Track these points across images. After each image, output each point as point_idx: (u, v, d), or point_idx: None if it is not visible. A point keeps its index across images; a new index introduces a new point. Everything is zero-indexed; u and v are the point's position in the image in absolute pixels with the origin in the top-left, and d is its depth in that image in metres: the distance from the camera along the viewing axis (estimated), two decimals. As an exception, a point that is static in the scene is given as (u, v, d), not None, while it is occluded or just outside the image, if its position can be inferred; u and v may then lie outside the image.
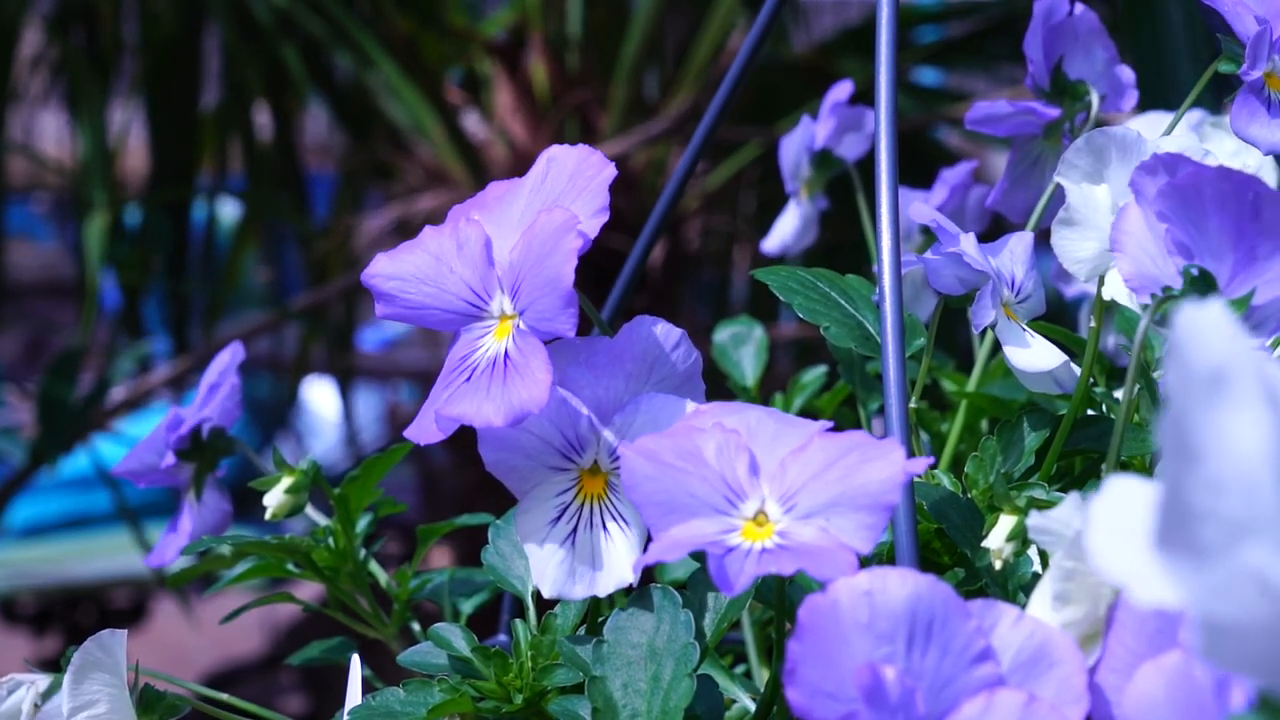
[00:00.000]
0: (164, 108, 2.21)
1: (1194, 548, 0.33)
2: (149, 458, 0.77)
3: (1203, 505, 0.33)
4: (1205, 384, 0.34)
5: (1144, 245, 0.60)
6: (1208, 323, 0.34)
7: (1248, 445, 0.34)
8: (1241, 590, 0.33)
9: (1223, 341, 0.34)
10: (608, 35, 1.97)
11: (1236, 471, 0.33)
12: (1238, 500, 0.33)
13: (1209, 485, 0.33)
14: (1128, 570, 0.36)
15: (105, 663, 0.65)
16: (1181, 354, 0.34)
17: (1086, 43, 0.82)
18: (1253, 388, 0.34)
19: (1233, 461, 0.33)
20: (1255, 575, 0.33)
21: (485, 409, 0.60)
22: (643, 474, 0.56)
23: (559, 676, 0.62)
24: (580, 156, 0.63)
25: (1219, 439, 0.34)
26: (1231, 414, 0.34)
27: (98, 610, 2.97)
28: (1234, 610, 0.33)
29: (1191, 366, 0.34)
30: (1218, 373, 0.34)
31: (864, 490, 0.53)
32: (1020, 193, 0.83)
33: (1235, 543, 0.33)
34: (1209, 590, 0.33)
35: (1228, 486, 0.33)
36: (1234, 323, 0.35)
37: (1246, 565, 0.33)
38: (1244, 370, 0.34)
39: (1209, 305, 0.35)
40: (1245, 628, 0.33)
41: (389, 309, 0.65)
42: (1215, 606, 0.33)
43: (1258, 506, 0.33)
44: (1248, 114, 0.71)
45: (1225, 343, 0.34)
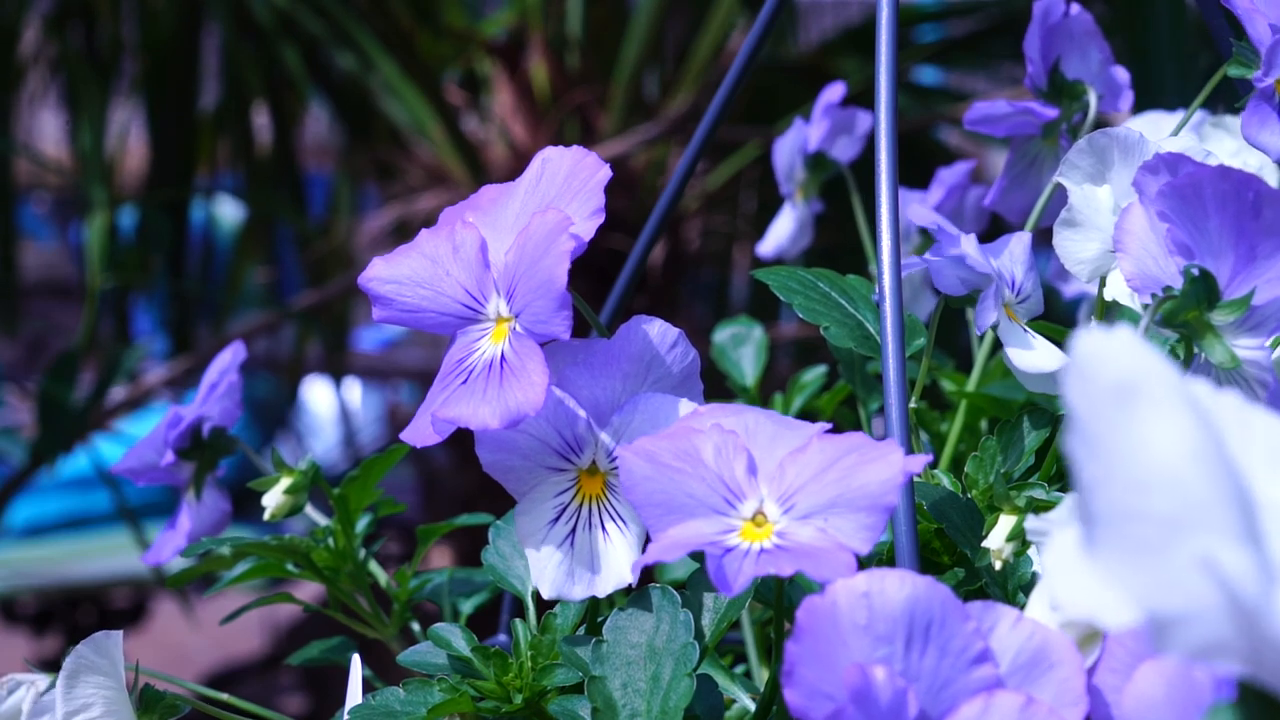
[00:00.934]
0: (163, 108, 2.21)
1: (1129, 547, 0.34)
2: (148, 456, 0.77)
3: (1131, 506, 0.34)
4: (1114, 396, 0.35)
5: (1146, 245, 0.60)
6: (1113, 343, 0.35)
7: (1169, 445, 0.34)
8: (1189, 580, 0.33)
9: (1130, 357, 0.35)
10: (608, 35, 1.97)
11: (1162, 470, 0.34)
12: (1167, 497, 0.34)
13: (1135, 487, 0.34)
14: (1094, 604, 0.37)
15: (100, 665, 0.65)
16: (1084, 373, 0.35)
17: (1082, 43, 0.82)
18: (1167, 393, 0.35)
19: (1157, 461, 0.34)
20: (1201, 564, 0.33)
21: (481, 411, 0.60)
22: (641, 475, 0.56)
23: (559, 676, 0.62)
24: (575, 158, 0.63)
25: (1139, 442, 0.34)
26: (1149, 417, 0.35)
27: (98, 610, 2.97)
28: (1181, 602, 0.33)
29: (1097, 383, 0.35)
30: (1126, 384, 0.35)
31: (863, 491, 0.53)
32: (1018, 192, 0.83)
33: (1172, 537, 0.34)
34: (1151, 585, 0.33)
35: (1155, 486, 0.34)
36: (1139, 340, 0.36)
37: (1190, 556, 0.33)
38: (1155, 379, 0.35)
39: (1114, 329, 0.36)
40: (1197, 617, 0.33)
41: (386, 312, 0.65)
42: (1159, 600, 0.33)
43: (1189, 501, 0.34)
44: (1259, 120, 0.70)
45: (1133, 358, 0.35)
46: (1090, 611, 0.37)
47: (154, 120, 2.22)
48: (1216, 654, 0.34)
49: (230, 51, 2.18)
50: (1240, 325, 0.59)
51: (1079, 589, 0.38)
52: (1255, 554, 0.34)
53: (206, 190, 2.43)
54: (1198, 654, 0.34)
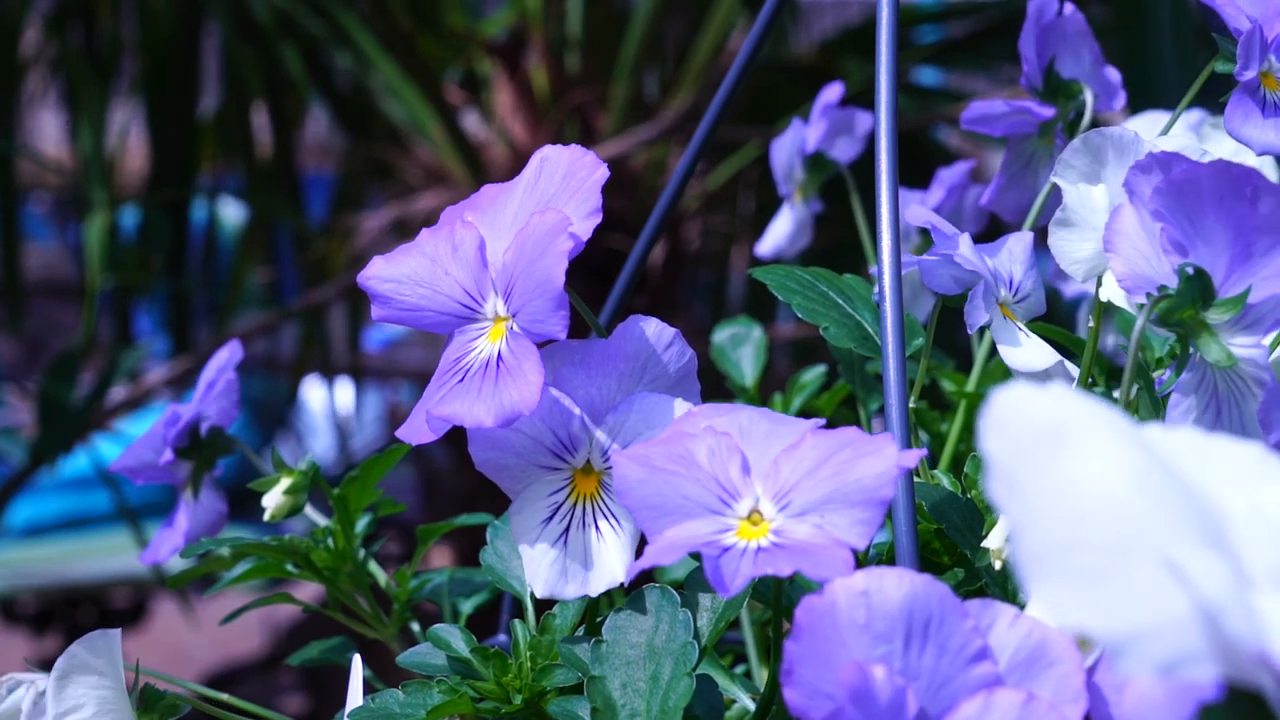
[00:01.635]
0: (163, 107, 2.21)
1: (1072, 577, 0.34)
2: (146, 455, 0.77)
3: (1068, 539, 0.34)
4: (1037, 439, 0.35)
5: (1138, 245, 0.60)
6: (1032, 393, 0.36)
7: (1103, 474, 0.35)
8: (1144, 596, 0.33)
9: (1053, 404, 0.36)
10: (608, 35, 1.97)
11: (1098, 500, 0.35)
12: (1107, 522, 0.34)
13: (1069, 520, 0.34)
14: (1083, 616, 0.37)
15: (94, 665, 0.65)
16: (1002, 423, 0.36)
17: (1075, 44, 0.82)
18: (1094, 430, 0.35)
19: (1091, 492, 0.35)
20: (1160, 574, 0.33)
21: (476, 409, 0.60)
22: (634, 478, 0.56)
23: (558, 677, 0.62)
24: (573, 157, 0.63)
25: (1069, 477, 0.35)
26: (1077, 453, 0.35)
27: (98, 610, 2.97)
28: (1141, 615, 0.33)
29: (1016, 431, 0.36)
30: (1051, 428, 0.35)
31: (858, 486, 0.53)
32: (1014, 192, 0.83)
33: (1120, 557, 0.34)
34: (1103, 608, 0.34)
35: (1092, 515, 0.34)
36: (1067, 390, 0.36)
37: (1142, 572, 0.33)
38: (1080, 419, 0.36)
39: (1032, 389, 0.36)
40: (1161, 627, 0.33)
41: (385, 311, 0.65)
42: (1115, 621, 0.33)
43: (1133, 521, 0.34)
44: (1242, 114, 0.71)
45: (1056, 404, 0.36)
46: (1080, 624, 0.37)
47: (154, 120, 2.22)
48: (1188, 663, 0.34)
49: (230, 52, 2.18)
50: (1236, 323, 0.58)
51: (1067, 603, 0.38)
52: (1223, 559, 0.34)
53: (209, 191, 2.43)
54: (1168, 666, 0.33)
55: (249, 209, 2.38)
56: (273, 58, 2.14)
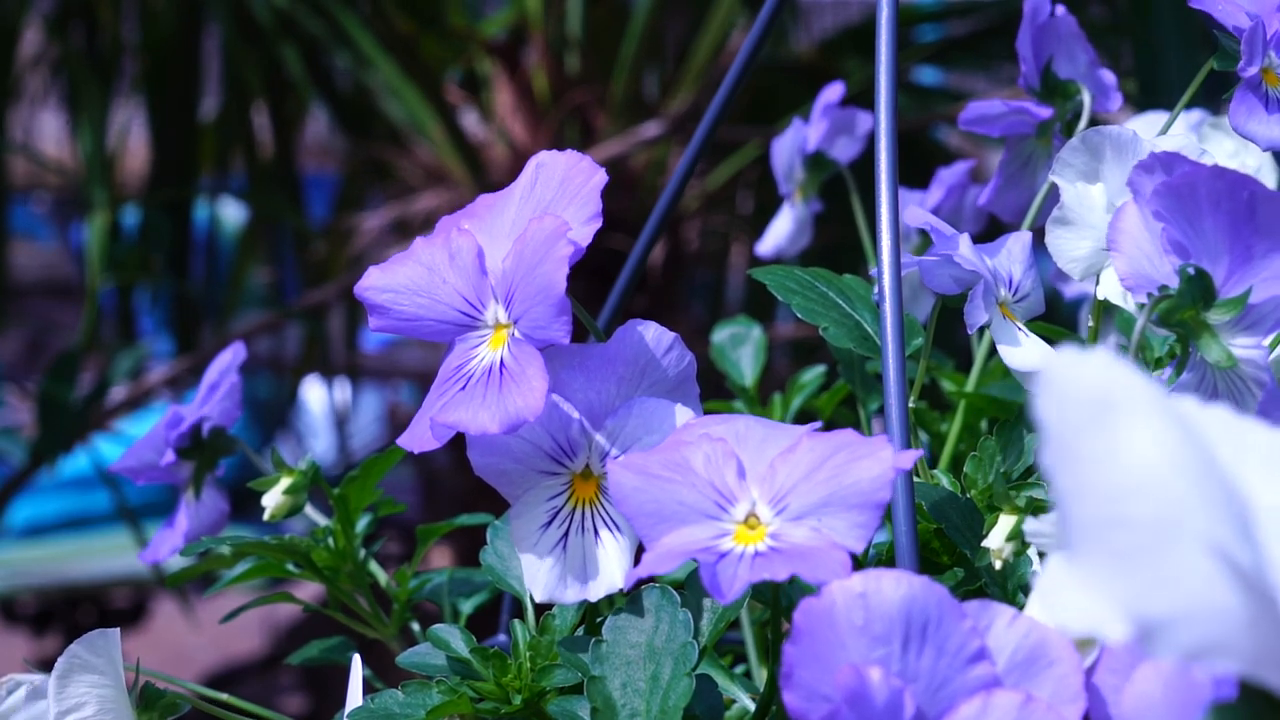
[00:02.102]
0: (164, 107, 2.21)
1: (1113, 554, 0.34)
2: (148, 455, 0.77)
3: (1110, 515, 0.34)
4: (1089, 410, 0.35)
5: (1141, 245, 0.60)
6: (1086, 363, 0.36)
7: (1148, 451, 0.34)
8: (1184, 580, 0.33)
9: (1106, 375, 0.36)
10: (608, 35, 1.97)
11: (1142, 477, 0.34)
12: (1150, 503, 0.34)
13: (1114, 496, 0.34)
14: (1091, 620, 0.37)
15: (94, 664, 0.65)
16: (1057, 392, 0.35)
17: (1069, 45, 0.82)
18: (1143, 405, 0.35)
19: (1136, 469, 0.34)
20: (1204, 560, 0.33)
21: (481, 416, 0.60)
22: (631, 486, 0.56)
23: (558, 677, 0.62)
24: (569, 162, 0.63)
25: (1116, 452, 0.35)
26: (1126, 427, 0.35)
27: (98, 610, 2.97)
28: (1179, 600, 0.33)
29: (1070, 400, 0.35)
30: (1102, 399, 0.35)
31: (854, 489, 0.53)
32: (1012, 192, 0.83)
33: (1162, 538, 0.34)
34: (1141, 589, 0.33)
35: (1135, 493, 0.34)
36: (1115, 358, 0.36)
37: (1185, 555, 0.33)
38: (1131, 393, 0.35)
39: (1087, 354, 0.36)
40: (1194, 615, 0.33)
41: (383, 321, 0.64)
42: (1152, 603, 0.33)
43: (1176, 504, 0.34)
44: (1246, 110, 0.71)
45: (1108, 376, 0.36)
46: (1089, 629, 0.37)
47: (154, 120, 2.22)
48: (1215, 653, 0.34)
49: (230, 52, 2.18)
50: (1236, 324, 0.59)
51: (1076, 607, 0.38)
52: (1252, 553, 0.34)
53: (210, 191, 2.43)
54: (1195, 654, 0.33)
55: (249, 209, 2.38)
56: (273, 58, 2.14)
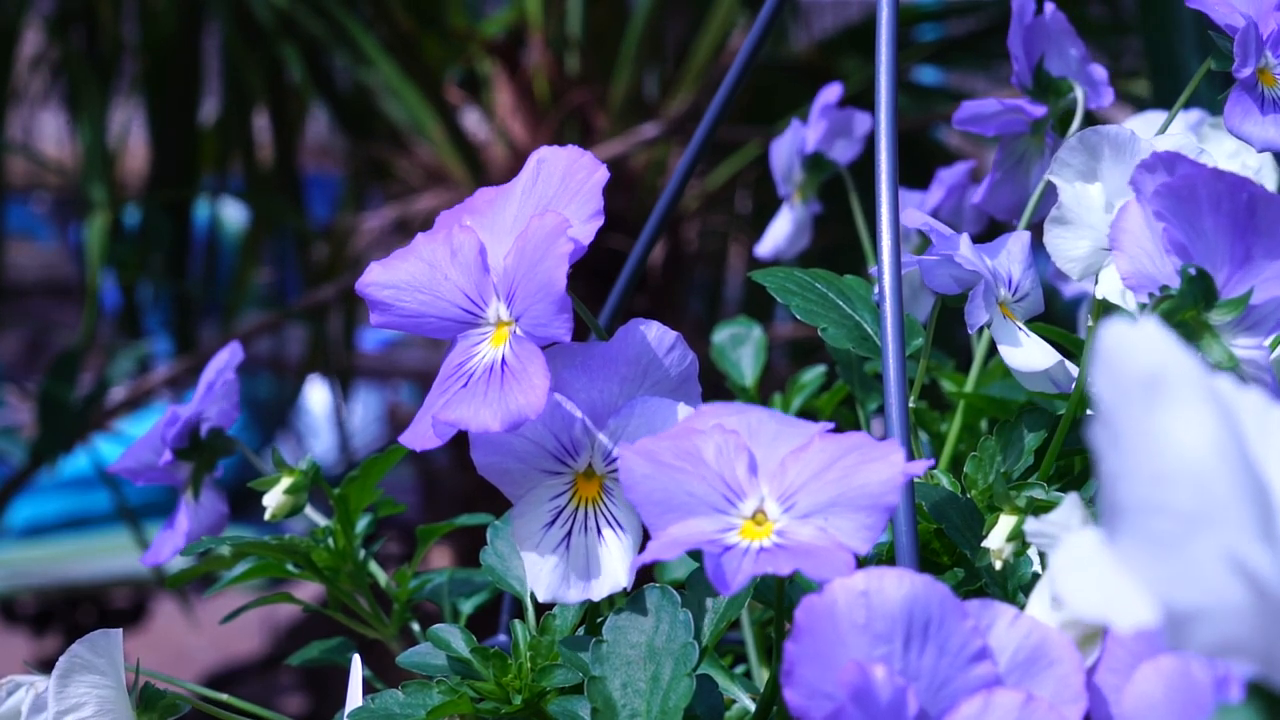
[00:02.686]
0: (164, 107, 2.21)
1: (1148, 540, 0.34)
2: (146, 456, 0.77)
3: (1151, 499, 0.34)
4: (1140, 387, 0.35)
5: (1143, 244, 0.60)
6: (1139, 334, 0.35)
7: (1192, 440, 0.34)
8: (1207, 577, 0.33)
9: (1156, 349, 0.35)
10: (608, 35, 1.97)
11: (1183, 465, 0.34)
12: (1188, 492, 0.34)
13: (1156, 480, 0.34)
14: (1103, 605, 0.37)
15: (95, 664, 0.65)
16: (1111, 362, 0.35)
17: (1059, 42, 0.82)
18: (1190, 387, 0.35)
19: (1178, 456, 0.34)
20: (1223, 561, 0.33)
21: (483, 414, 0.60)
22: (641, 473, 0.56)
23: (558, 677, 0.62)
24: (570, 159, 0.63)
25: (1161, 436, 0.34)
26: (1173, 411, 0.35)
27: (98, 610, 2.97)
28: (1199, 597, 0.33)
29: (1123, 373, 0.35)
30: (1152, 376, 0.35)
31: (863, 491, 0.53)
32: (1006, 190, 0.83)
33: (1193, 532, 0.34)
34: (1169, 579, 0.34)
35: (1175, 480, 0.34)
36: (1163, 332, 0.36)
37: (1209, 552, 0.33)
38: (1180, 373, 0.35)
39: (1141, 320, 0.36)
40: (1214, 613, 0.33)
41: (384, 318, 0.64)
42: (1177, 595, 0.33)
43: (1210, 496, 0.34)
44: (1241, 111, 0.71)
45: (1159, 350, 0.35)
46: (1100, 611, 0.37)
47: (154, 120, 2.22)
48: (1233, 651, 0.34)
49: (231, 52, 2.18)
50: (1238, 325, 0.59)
51: (1088, 589, 0.38)
52: (1271, 552, 0.34)
53: (211, 191, 2.43)
54: (1214, 651, 0.34)
55: (250, 210, 2.38)
56: (274, 58, 2.14)
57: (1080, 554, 0.39)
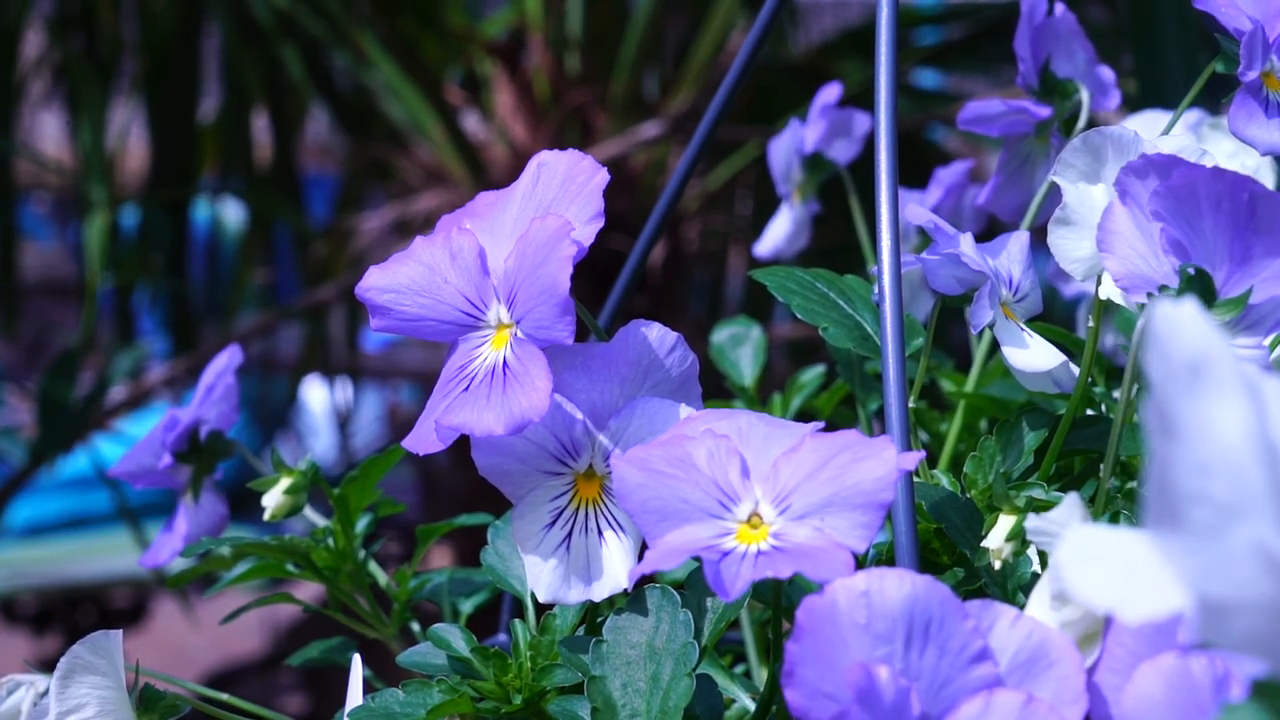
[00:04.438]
0: (163, 107, 2.21)
1: (1187, 528, 0.34)
2: (146, 459, 0.77)
3: (1192, 488, 0.34)
4: (1186, 373, 0.35)
5: (1133, 245, 0.60)
6: (1184, 316, 0.35)
7: (1230, 430, 0.34)
8: (1238, 569, 0.33)
9: (1200, 334, 0.35)
10: (608, 35, 1.97)
11: (1222, 455, 0.34)
12: (1226, 482, 0.34)
13: (1197, 469, 0.34)
14: (1110, 595, 0.37)
15: (96, 665, 0.65)
16: (1161, 346, 0.35)
17: (1067, 43, 0.82)
18: (1231, 377, 0.35)
19: (1218, 446, 0.34)
20: (1254, 553, 0.33)
21: (486, 418, 0.60)
22: (634, 482, 0.56)
23: (558, 677, 0.62)
24: (571, 162, 0.63)
25: (1203, 425, 0.34)
26: (1214, 401, 0.35)
27: (98, 610, 2.96)
28: (1230, 589, 0.33)
29: (1171, 357, 0.35)
30: (1196, 363, 0.35)
31: (857, 489, 0.53)
32: (1011, 191, 0.83)
33: (1227, 523, 0.34)
34: (1204, 569, 0.34)
35: (1215, 470, 0.34)
36: (1208, 318, 0.36)
37: (1242, 544, 0.33)
38: (1221, 361, 0.35)
39: (1184, 301, 0.36)
40: (1244, 606, 0.33)
41: (384, 321, 0.64)
42: (1211, 585, 0.33)
43: (1246, 488, 0.34)
44: (1245, 115, 0.71)
45: (1202, 336, 0.35)
46: (1108, 602, 0.37)
47: (154, 120, 2.22)
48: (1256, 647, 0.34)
49: (230, 53, 2.18)
50: (1237, 324, 0.59)
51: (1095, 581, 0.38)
52: None
53: (213, 191, 2.43)
54: (1241, 645, 0.34)
55: (250, 210, 2.38)
56: (273, 58, 2.14)
57: (1085, 546, 0.39)
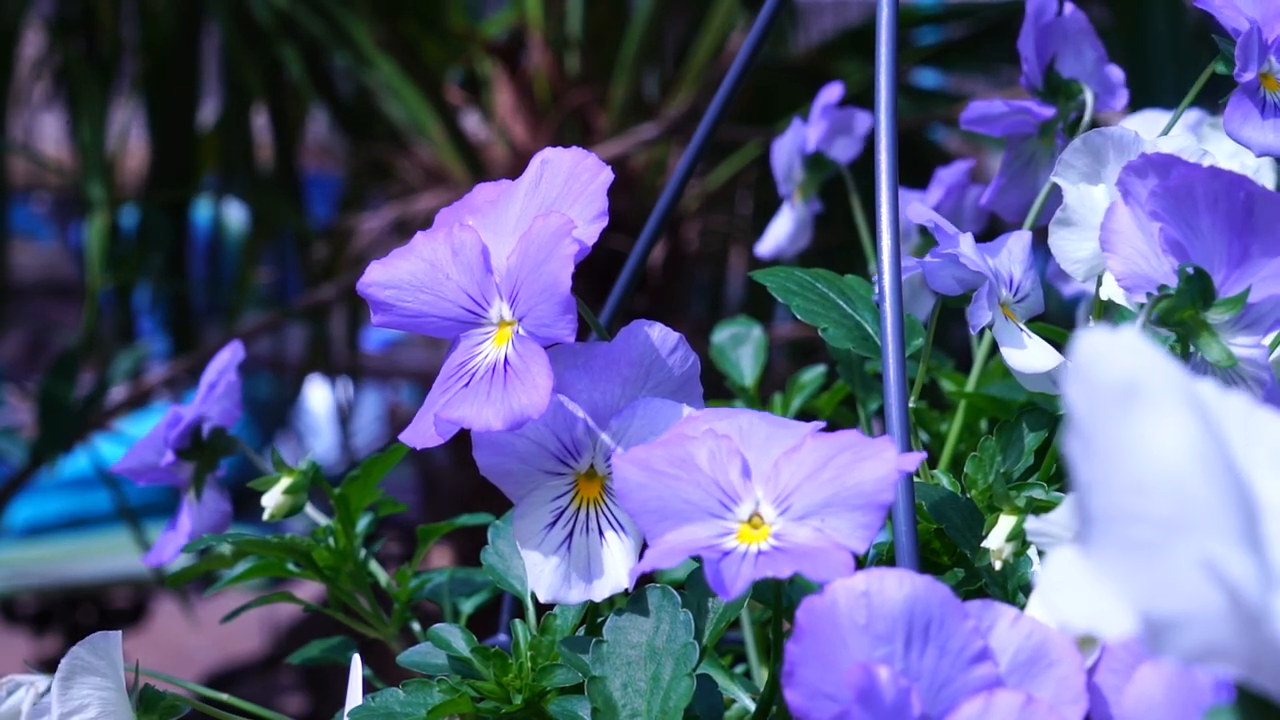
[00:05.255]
0: (163, 108, 2.21)
1: (1125, 548, 0.34)
2: (148, 456, 0.77)
3: (1128, 507, 0.34)
4: (1114, 395, 0.35)
5: (1134, 244, 0.60)
6: (1115, 343, 0.35)
7: (1168, 446, 0.34)
8: (1185, 584, 0.33)
9: (1132, 357, 0.35)
10: (608, 35, 1.97)
11: (1160, 472, 0.34)
12: (1165, 499, 0.34)
13: (1132, 488, 0.34)
14: (1091, 616, 0.37)
15: (97, 666, 0.65)
16: (1086, 372, 0.35)
17: (1076, 42, 0.82)
18: (1167, 394, 0.35)
19: (1155, 463, 0.34)
20: (1200, 568, 0.33)
21: (485, 413, 0.60)
22: (635, 482, 0.56)
23: (558, 677, 0.63)
24: (575, 160, 0.63)
25: (1137, 443, 0.34)
26: (1147, 419, 0.34)
27: (98, 610, 2.97)
28: (1179, 604, 0.33)
29: (1097, 382, 0.35)
30: (1127, 385, 0.35)
31: (858, 489, 0.53)
32: (1014, 192, 0.83)
33: (1170, 539, 0.33)
34: (1147, 587, 0.33)
35: (1153, 487, 0.34)
36: (1142, 340, 0.35)
37: (1187, 559, 0.33)
38: (1156, 379, 0.35)
39: (1115, 329, 0.36)
40: (1195, 620, 0.33)
41: (386, 318, 0.64)
42: (1155, 603, 0.33)
43: (1188, 503, 0.34)
44: (1241, 115, 0.71)
45: (1135, 358, 0.35)
46: (1088, 624, 0.36)
47: (154, 120, 2.22)
48: (1213, 657, 0.34)
49: (230, 53, 2.18)
50: (1236, 323, 0.59)
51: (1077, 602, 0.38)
52: (1255, 558, 0.34)
53: (216, 191, 2.43)
54: (1194, 657, 0.33)
55: (250, 210, 2.38)
56: (273, 59, 2.15)
57: (1066, 566, 0.39)
